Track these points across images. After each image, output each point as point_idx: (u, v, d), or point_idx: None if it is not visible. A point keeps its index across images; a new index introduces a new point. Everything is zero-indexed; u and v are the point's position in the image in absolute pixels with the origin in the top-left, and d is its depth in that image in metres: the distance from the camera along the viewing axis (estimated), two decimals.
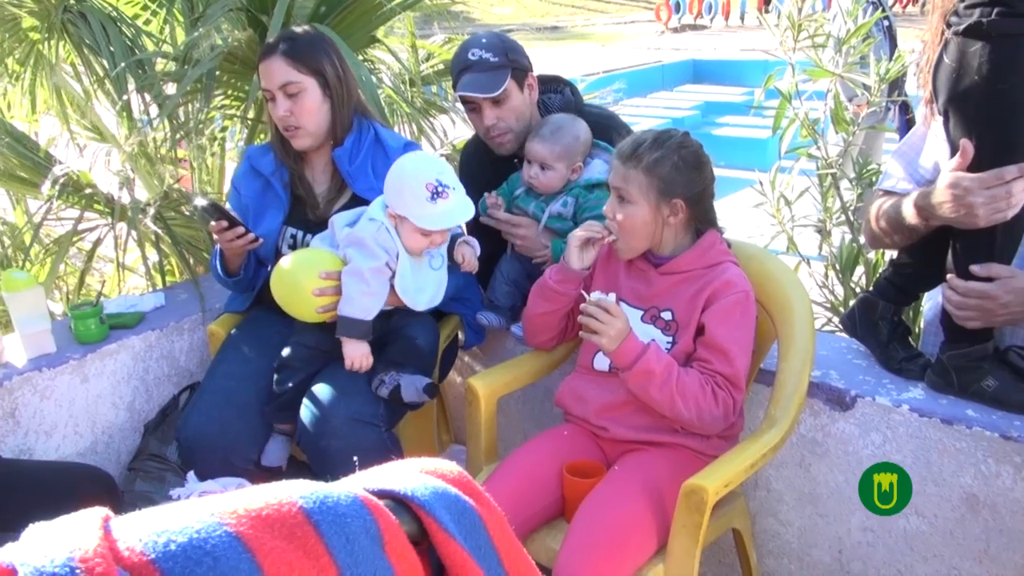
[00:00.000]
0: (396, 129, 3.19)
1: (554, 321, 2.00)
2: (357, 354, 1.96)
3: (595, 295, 1.71)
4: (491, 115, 2.23)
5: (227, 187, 3.28)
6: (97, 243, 2.84)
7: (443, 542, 0.68)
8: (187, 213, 2.83)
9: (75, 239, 2.80)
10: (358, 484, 0.68)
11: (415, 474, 0.72)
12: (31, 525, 0.60)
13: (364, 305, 1.93)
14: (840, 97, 3.09)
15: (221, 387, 2.11)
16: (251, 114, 3.13)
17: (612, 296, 1.74)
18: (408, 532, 0.67)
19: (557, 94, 2.40)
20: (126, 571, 0.54)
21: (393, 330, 2.07)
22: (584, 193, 2.15)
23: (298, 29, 2.16)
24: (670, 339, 1.78)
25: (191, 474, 2.03)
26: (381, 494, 0.68)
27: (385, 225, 1.92)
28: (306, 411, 1.99)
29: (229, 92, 3.03)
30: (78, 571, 0.52)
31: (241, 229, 2.06)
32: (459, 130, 3.63)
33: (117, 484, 1.99)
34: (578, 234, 1.86)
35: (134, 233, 2.70)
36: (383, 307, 1.99)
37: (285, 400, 2.07)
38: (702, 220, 1.80)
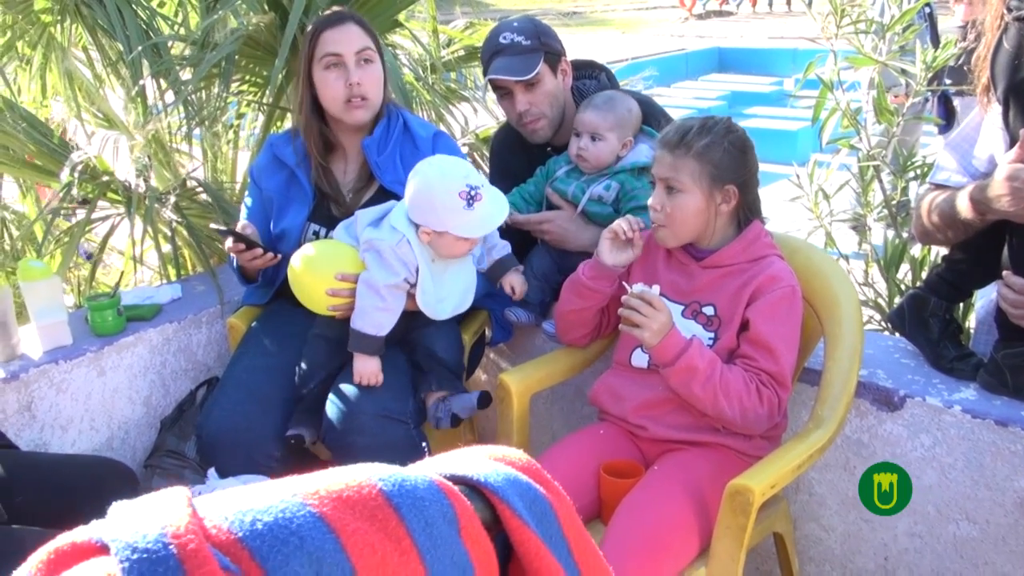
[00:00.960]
0: None
1: (588, 317, 2.01)
2: (367, 371, 1.99)
3: (638, 287, 1.73)
4: (523, 100, 2.25)
5: (240, 176, 3.33)
6: (109, 233, 2.88)
7: (517, 529, 0.70)
8: (204, 201, 2.85)
9: (88, 229, 2.84)
10: (432, 469, 0.71)
11: (486, 460, 0.75)
12: (114, 504, 0.63)
13: (377, 321, 1.96)
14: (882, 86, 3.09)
15: (244, 381, 2.14)
16: (267, 100, 3.16)
17: (656, 288, 1.75)
18: (482, 518, 0.69)
19: (592, 80, 2.42)
20: (215, 548, 0.56)
21: (412, 331, 2.10)
22: (630, 179, 2.16)
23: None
24: (712, 335, 1.80)
25: (212, 471, 2.06)
26: (455, 479, 0.71)
27: (407, 238, 1.93)
28: (332, 407, 2.01)
29: (247, 78, 3.06)
30: (171, 547, 0.54)
31: (259, 251, 2.10)
32: (481, 118, 3.66)
33: (139, 479, 2.02)
34: (613, 228, 1.88)
35: (148, 224, 2.74)
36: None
37: (310, 401, 2.09)
38: (749, 209, 1.82)
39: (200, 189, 2.92)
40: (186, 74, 2.87)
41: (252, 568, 0.55)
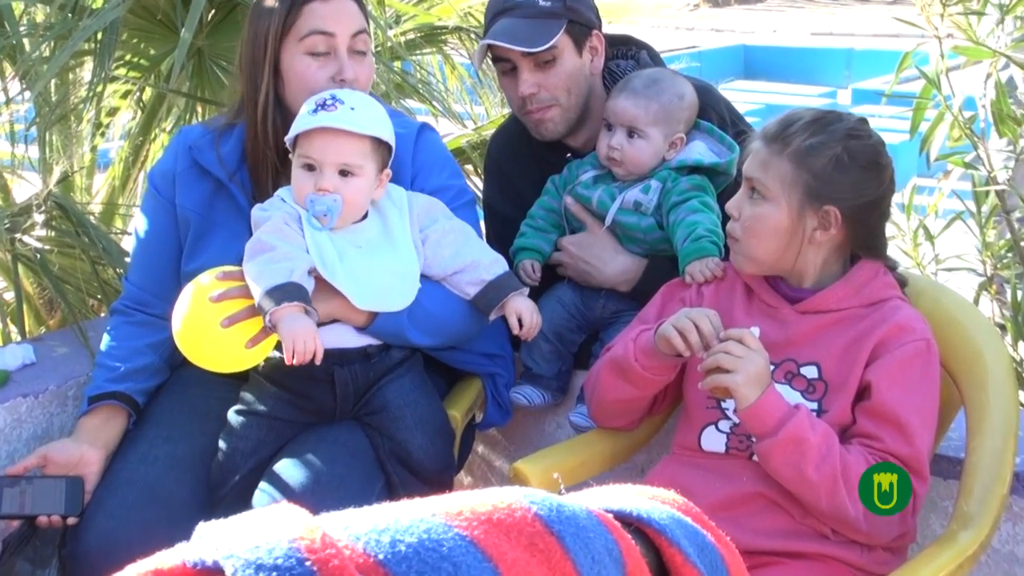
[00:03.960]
0: None
1: (642, 405, 2.12)
2: (299, 335, 1.93)
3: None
4: (530, 80, 2.36)
5: (102, 195, 3.37)
6: None
7: None
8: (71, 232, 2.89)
9: None
10: (584, 500, 0.78)
11: (640, 496, 0.83)
12: (200, 524, 0.69)
13: (279, 267, 1.99)
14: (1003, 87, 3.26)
15: (138, 477, 2.16)
16: (147, 94, 3.24)
17: (756, 331, 1.86)
18: (648, 563, 0.77)
19: (628, 60, 2.56)
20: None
21: (374, 399, 2.16)
22: (674, 176, 2.27)
23: None
24: (815, 405, 1.89)
25: None
26: (613, 514, 0.78)
27: (280, 196, 2.11)
28: (265, 500, 2.06)
29: (128, 58, 3.14)
30: (308, 563, 0.61)
31: (44, 519, 2.10)
32: (443, 126, 3.76)
33: None
34: (681, 320, 1.89)
35: None
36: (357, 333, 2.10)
37: (232, 503, 2.12)
38: (865, 246, 1.95)
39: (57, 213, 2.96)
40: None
41: None
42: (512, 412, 2.51)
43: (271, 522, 0.65)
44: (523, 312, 2.14)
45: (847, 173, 1.87)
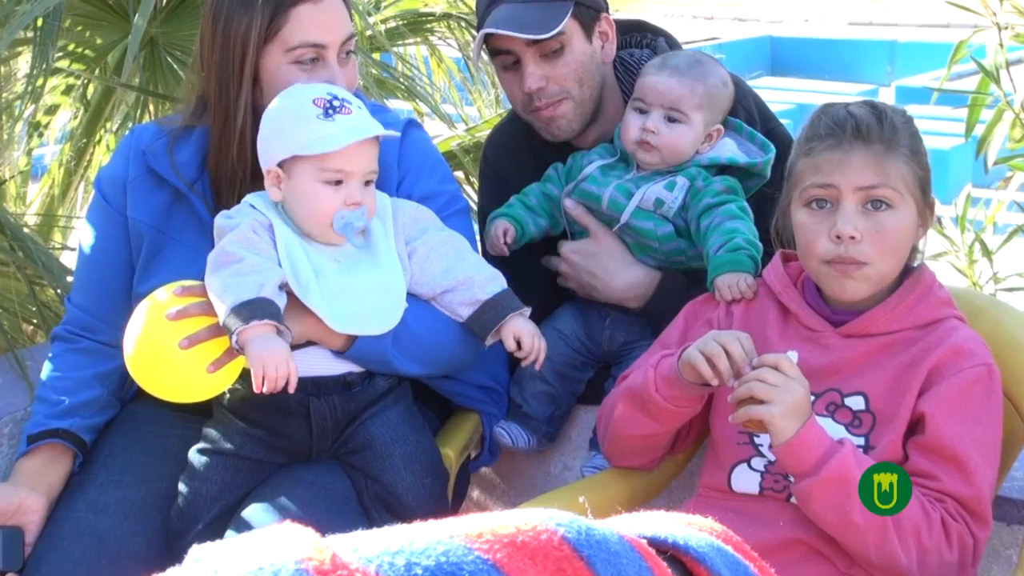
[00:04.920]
0: None
1: (662, 442, 2.11)
2: (269, 358, 1.92)
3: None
4: (537, 73, 2.36)
5: (36, 206, 3.36)
6: None
7: None
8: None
9: None
10: (617, 526, 0.78)
11: (678, 523, 0.83)
12: (193, 547, 0.70)
13: (248, 282, 1.97)
14: None
15: (86, 527, 2.14)
16: (92, 89, 3.24)
17: (794, 355, 1.85)
18: None
19: (645, 48, 2.56)
20: None
21: (355, 437, 2.15)
22: (705, 174, 2.27)
23: None
24: (861, 440, 1.88)
25: None
26: (648, 541, 0.79)
27: (268, 219, 2.07)
28: None
29: (71, 48, 3.14)
30: None
31: None
32: (433, 127, 3.76)
33: None
34: (708, 348, 1.88)
35: None
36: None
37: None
38: (915, 248, 1.96)
39: None
40: None
41: None
42: (499, 453, 2.50)
43: (275, 542, 0.66)
44: (523, 335, 2.12)
45: (928, 160, 1.93)
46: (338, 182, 2.03)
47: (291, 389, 1.94)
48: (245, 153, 2.21)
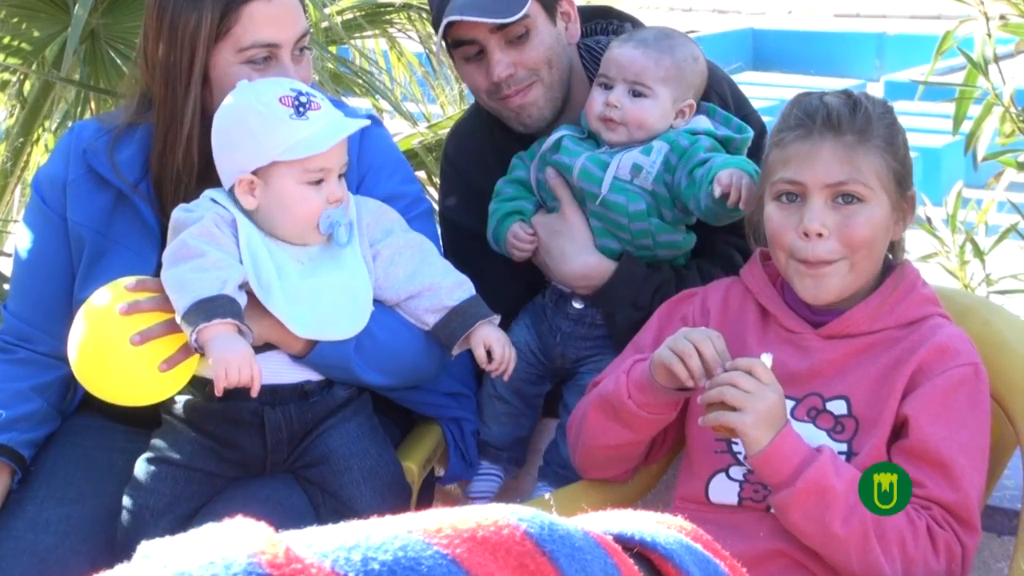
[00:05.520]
0: None
1: (637, 451, 2.14)
2: (232, 359, 1.95)
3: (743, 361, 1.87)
4: (504, 60, 2.40)
5: None
6: None
7: None
8: None
9: None
10: (583, 523, 0.83)
11: (648, 521, 0.87)
12: (142, 543, 0.73)
13: (206, 279, 1.99)
14: None
15: (26, 547, 2.17)
16: (28, 85, 3.26)
17: (768, 359, 1.88)
18: None
19: (612, 35, 2.58)
20: None
21: (313, 449, 2.19)
22: (684, 133, 2.30)
23: None
24: (843, 447, 1.93)
25: None
26: (614, 538, 0.83)
27: (232, 214, 2.09)
28: None
29: (7, 41, 3.16)
30: None
31: None
32: (390, 125, 3.79)
33: None
34: (678, 344, 1.92)
35: None
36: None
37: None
38: (897, 245, 2.01)
39: None
40: None
41: None
42: (477, 461, 2.52)
43: (228, 537, 0.67)
44: (493, 343, 2.16)
45: (907, 152, 1.96)
46: (319, 181, 2.07)
47: (254, 393, 1.97)
48: (192, 156, 2.23)
